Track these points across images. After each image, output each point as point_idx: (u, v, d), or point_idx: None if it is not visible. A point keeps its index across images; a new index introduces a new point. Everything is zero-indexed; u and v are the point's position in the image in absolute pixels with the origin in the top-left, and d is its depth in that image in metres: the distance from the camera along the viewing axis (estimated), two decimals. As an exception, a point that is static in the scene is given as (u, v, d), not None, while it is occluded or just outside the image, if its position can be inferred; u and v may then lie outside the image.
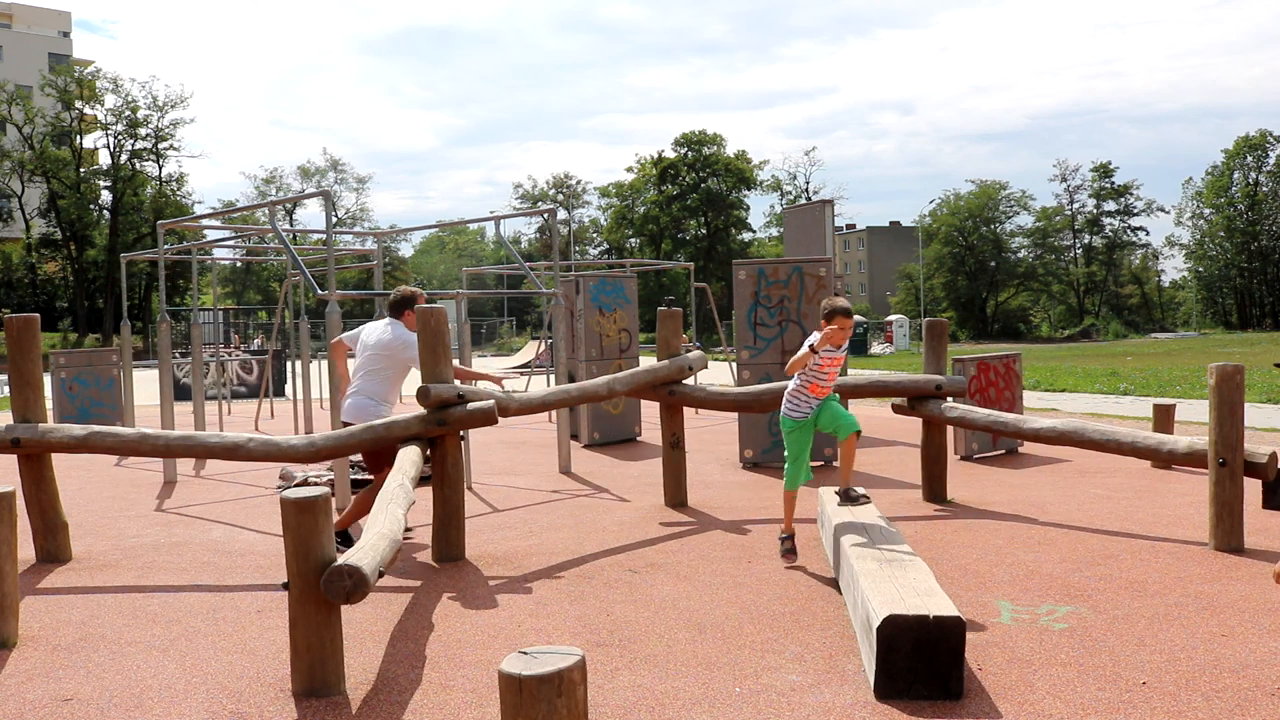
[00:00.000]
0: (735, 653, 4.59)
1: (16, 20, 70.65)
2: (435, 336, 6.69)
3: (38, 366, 6.80)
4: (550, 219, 12.63)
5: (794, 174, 76.58)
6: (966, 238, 71.65)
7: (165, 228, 11.55)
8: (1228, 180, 73.02)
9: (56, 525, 6.75)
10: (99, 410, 14.17)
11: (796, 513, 6.42)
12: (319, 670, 4.13)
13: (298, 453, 6.65)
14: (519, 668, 2.42)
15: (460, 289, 27.09)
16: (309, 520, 4.01)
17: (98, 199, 58.17)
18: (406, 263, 79.39)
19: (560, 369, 12.20)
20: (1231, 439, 6.23)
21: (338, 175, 73.67)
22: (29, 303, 56.60)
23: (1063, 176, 76.88)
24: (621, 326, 12.81)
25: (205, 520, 8.19)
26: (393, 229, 26.79)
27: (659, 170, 71.89)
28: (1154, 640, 4.63)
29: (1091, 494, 8.40)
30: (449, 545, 6.51)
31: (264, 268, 61.77)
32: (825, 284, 10.34)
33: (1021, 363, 11.35)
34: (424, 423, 6.52)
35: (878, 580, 4.54)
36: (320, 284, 15.49)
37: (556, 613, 5.29)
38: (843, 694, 4.06)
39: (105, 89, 56.76)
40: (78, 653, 4.82)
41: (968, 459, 10.44)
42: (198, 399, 11.51)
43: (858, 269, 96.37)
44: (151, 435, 6.95)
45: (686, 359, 8.13)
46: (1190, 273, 77.98)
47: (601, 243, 78.35)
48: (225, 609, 5.52)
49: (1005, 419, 7.77)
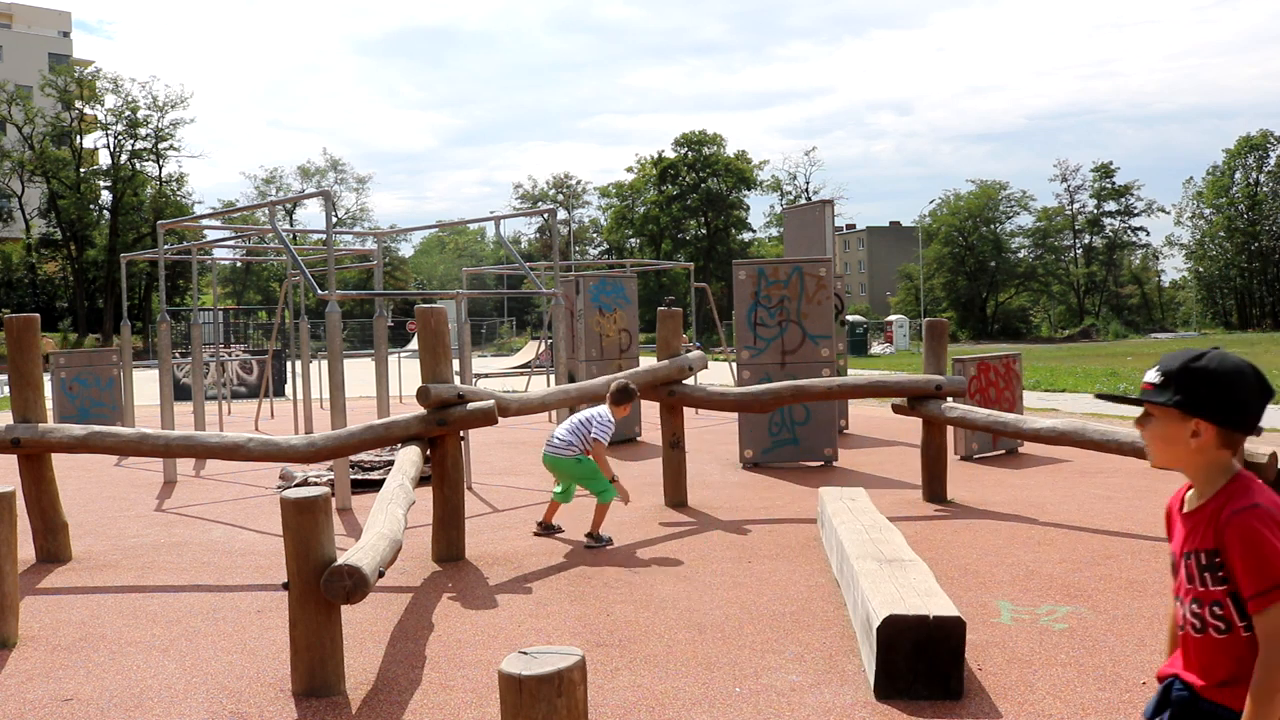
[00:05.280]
0: (735, 653, 4.59)
1: (16, 20, 70.66)
2: (435, 336, 6.69)
3: (38, 366, 6.80)
4: (550, 219, 12.63)
5: (794, 174, 76.59)
6: (966, 238, 71.64)
7: (165, 228, 11.55)
8: (1228, 180, 72.98)
9: (56, 525, 6.75)
10: (99, 410, 14.17)
11: (797, 513, 6.43)
12: (319, 670, 4.13)
13: (298, 453, 6.65)
14: (519, 668, 2.41)
15: (460, 289, 27.10)
16: (309, 520, 4.01)
17: (98, 199, 58.17)
18: (407, 263, 79.39)
19: (560, 369, 12.20)
20: (1231, 439, 6.22)
21: (338, 175, 73.70)
22: (29, 303, 56.58)
23: (1063, 176, 76.89)
24: (621, 326, 12.81)
25: (205, 520, 8.19)
26: (393, 229, 26.79)
27: (659, 170, 71.88)
28: (1154, 640, 4.63)
29: (1091, 494, 8.39)
30: (449, 545, 6.50)
31: (264, 268, 61.75)
32: (825, 284, 10.34)
33: (1021, 363, 11.35)
34: (424, 423, 6.52)
35: (878, 580, 4.54)
36: (320, 284, 15.48)
37: (556, 613, 5.29)
38: (843, 694, 4.06)
39: (105, 89, 56.77)
40: (78, 653, 4.82)
41: (968, 459, 10.43)
42: (198, 399, 11.51)
43: (858, 269, 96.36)
44: (151, 435, 6.95)
45: (686, 359, 8.13)
46: (1190, 273, 77.96)
47: (601, 243, 78.35)
48: (225, 609, 5.51)
49: (1005, 419, 7.77)
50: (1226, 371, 2.06)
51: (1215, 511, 2.08)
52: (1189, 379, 2.08)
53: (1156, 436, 2.14)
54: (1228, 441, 2.08)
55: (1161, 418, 2.12)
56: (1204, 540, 2.09)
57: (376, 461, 9.71)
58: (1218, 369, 2.06)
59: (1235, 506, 2.04)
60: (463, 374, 9.69)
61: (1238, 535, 2.01)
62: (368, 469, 9.53)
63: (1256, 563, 1.98)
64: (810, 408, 10.21)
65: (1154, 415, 2.13)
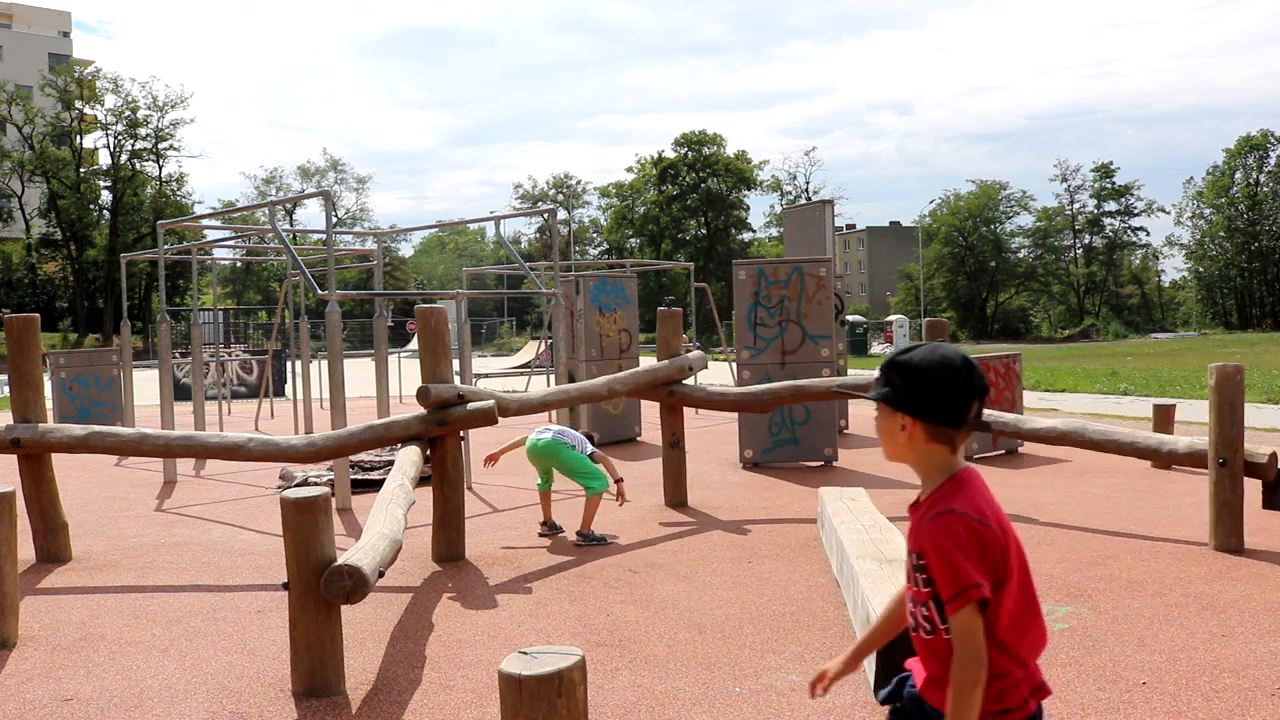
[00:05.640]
0: (735, 653, 4.59)
1: (16, 20, 70.67)
2: (435, 336, 6.69)
3: (38, 366, 6.80)
4: (550, 219, 12.63)
5: (794, 174, 76.64)
6: (966, 238, 71.63)
7: (165, 228, 11.55)
8: (1229, 180, 72.96)
9: (56, 525, 6.75)
10: (99, 410, 14.17)
11: (797, 513, 6.43)
12: (319, 670, 4.13)
13: (298, 453, 6.65)
14: (519, 668, 2.41)
15: (460, 289, 27.09)
16: (309, 520, 4.01)
17: (98, 199, 58.17)
18: (407, 263, 79.38)
19: (560, 369, 12.20)
20: (1231, 439, 6.23)
21: (338, 175, 73.72)
22: (29, 303, 56.59)
23: (1063, 176, 76.89)
24: (621, 326, 12.81)
25: (205, 520, 8.19)
26: (393, 229, 26.78)
27: (659, 170, 71.89)
28: (1154, 640, 4.63)
29: (1091, 494, 8.39)
30: (449, 545, 6.50)
31: (264, 268, 61.75)
32: (825, 284, 10.34)
33: (1021, 363, 11.34)
34: (424, 423, 6.52)
35: (878, 580, 4.54)
36: (320, 284, 15.48)
37: (556, 613, 5.29)
38: (843, 694, 4.06)
39: (105, 89, 56.79)
40: (78, 653, 4.82)
41: (968, 459, 10.41)
42: (198, 399, 11.51)
43: (858, 269, 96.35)
44: (151, 435, 6.95)
45: (686, 359, 8.13)
46: (1190, 273, 77.94)
47: (601, 243, 78.35)
48: (225, 609, 5.51)
49: (1005, 419, 7.77)
50: (931, 365, 2.02)
51: (924, 513, 2.06)
52: (894, 373, 2.06)
53: (879, 430, 2.12)
54: (938, 436, 2.04)
55: (880, 412, 2.10)
56: (914, 541, 2.08)
57: (376, 461, 9.71)
58: (921, 362, 2.03)
59: (935, 510, 2.02)
60: (463, 374, 9.69)
61: (930, 540, 1.99)
62: (368, 469, 9.53)
63: (947, 568, 1.96)
64: (810, 408, 10.21)
65: (878, 409, 2.12)
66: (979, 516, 1.98)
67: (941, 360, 2.03)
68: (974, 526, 1.97)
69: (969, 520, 1.97)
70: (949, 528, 1.97)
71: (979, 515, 1.99)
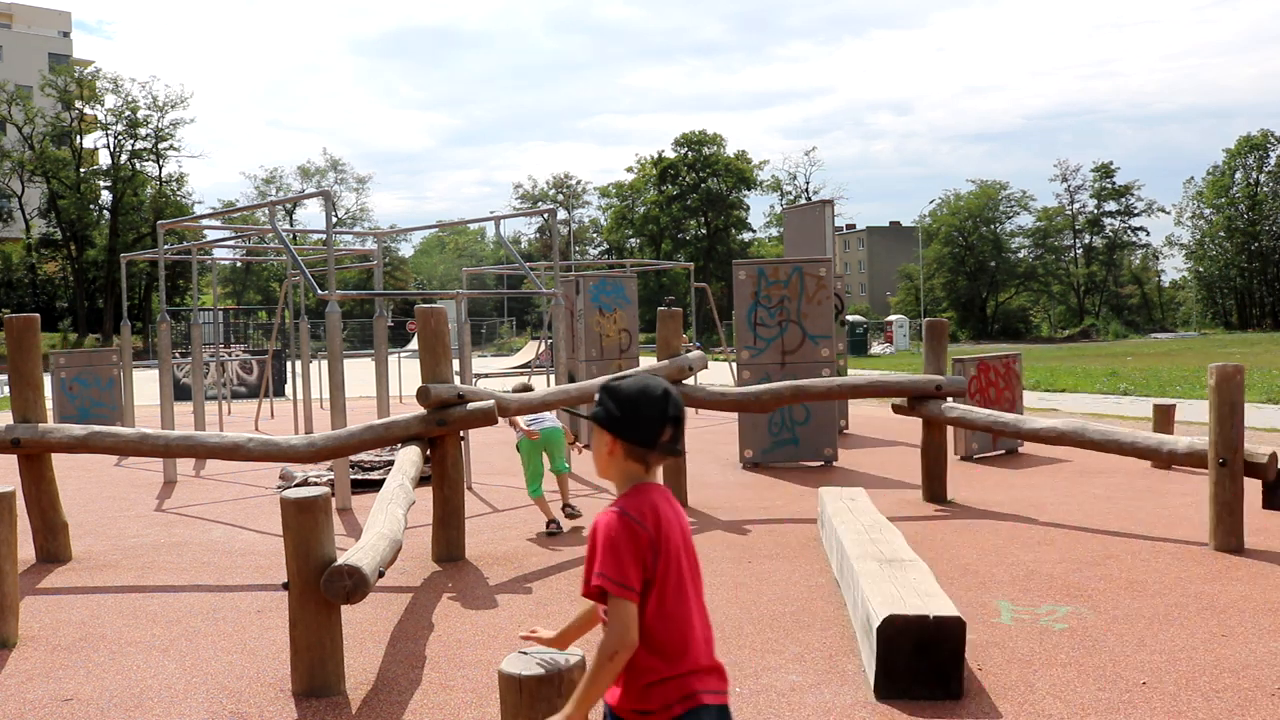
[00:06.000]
0: (735, 653, 4.58)
1: (16, 20, 70.66)
2: (435, 336, 6.69)
3: (38, 366, 6.80)
4: (550, 219, 12.63)
5: (794, 174, 76.58)
6: (966, 238, 71.61)
7: (165, 228, 11.56)
8: (1229, 180, 72.94)
9: (56, 525, 6.75)
10: (99, 410, 14.17)
11: (797, 513, 6.44)
12: (319, 670, 4.13)
13: (298, 453, 6.65)
14: (519, 668, 2.41)
15: (460, 289, 27.10)
16: (309, 520, 4.01)
17: (98, 199, 58.16)
18: (407, 263, 79.38)
19: (560, 369, 12.20)
20: (1231, 439, 6.23)
21: (338, 175, 73.69)
22: (29, 303, 56.59)
23: (1063, 176, 76.84)
24: (621, 326, 12.81)
25: (205, 520, 8.19)
26: (393, 229, 26.80)
27: (659, 170, 71.87)
28: (1154, 640, 4.63)
29: (1091, 494, 8.39)
30: (449, 545, 6.50)
31: (264, 268, 61.74)
32: (825, 284, 10.34)
33: (1021, 363, 11.35)
34: (424, 423, 6.52)
35: (878, 580, 4.54)
36: (320, 284, 15.48)
37: (556, 613, 5.29)
38: (843, 694, 4.06)
39: (105, 89, 56.76)
40: (78, 653, 4.82)
41: (968, 459, 10.43)
42: (198, 399, 11.52)
43: (858, 269, 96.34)
44: (151, 435, 6.95)
45: (686, 359, 8.13)
46: (1190, 273, 77.91)
47: (601, 243, 78.33)
48: (225, 609, 5.51)
49: (1005, 419, 7.77)
50: (633, 392, 2.25)
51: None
52: (604, 396, 2.29)
53: (593, 446, 2.32)
54: (635, 455, 2.25)
55: (594, 430, 2.30)
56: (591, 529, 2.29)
57: (376, 461, 9.71)
58: (625, 389, 2.26)
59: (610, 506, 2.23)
60: (463, 374, 9.70)
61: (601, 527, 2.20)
62: (368, 469, 9.53)
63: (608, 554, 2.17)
64: (810, 408, 10.21)
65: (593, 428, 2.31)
66: (639, 518, 2.19)
67: (643, 389, 2.26)
68: (631, 525, 2.18)
69: (627, 518, 2.19)
70: (606, 523, 2.19)
71: (639, 517, 2.20)
